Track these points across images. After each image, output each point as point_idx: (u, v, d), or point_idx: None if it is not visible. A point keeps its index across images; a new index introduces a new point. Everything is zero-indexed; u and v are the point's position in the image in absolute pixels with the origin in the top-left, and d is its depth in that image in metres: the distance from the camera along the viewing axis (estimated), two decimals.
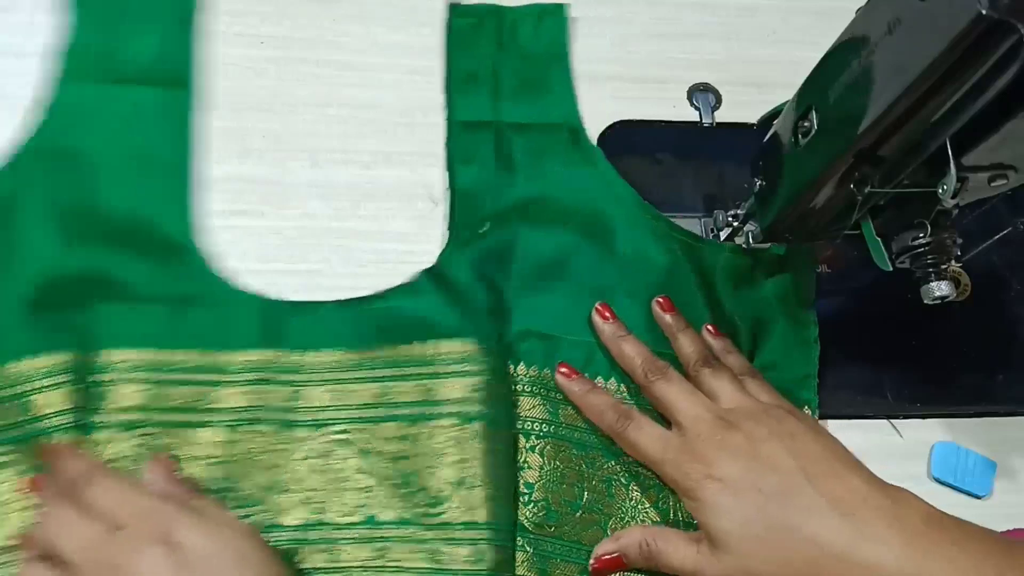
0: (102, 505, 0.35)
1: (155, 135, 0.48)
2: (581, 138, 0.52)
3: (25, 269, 0.44)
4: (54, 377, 0.42)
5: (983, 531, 0.37)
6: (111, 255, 0.45)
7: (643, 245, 0.49)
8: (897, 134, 0.37)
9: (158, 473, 0.39)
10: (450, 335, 0.45)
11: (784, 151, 0.44)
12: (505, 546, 0.41)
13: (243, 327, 0.45)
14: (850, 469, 0.39)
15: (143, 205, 0.47)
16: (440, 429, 0.43)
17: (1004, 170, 0.37)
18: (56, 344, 0.42)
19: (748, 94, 0.56)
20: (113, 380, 0.43)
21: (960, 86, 0.34)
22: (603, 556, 0.41)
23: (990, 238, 0.51)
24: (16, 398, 0.41)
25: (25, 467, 0.40)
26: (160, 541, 0.33)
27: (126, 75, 0.50)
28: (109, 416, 0.42)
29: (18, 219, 0.45)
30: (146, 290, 0.45)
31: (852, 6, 0.38)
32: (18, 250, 0.44)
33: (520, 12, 0.55)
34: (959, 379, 0.51)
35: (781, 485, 0.38)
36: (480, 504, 0.41)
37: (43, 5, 0.52)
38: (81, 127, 0.48)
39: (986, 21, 0.30)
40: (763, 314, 0.49)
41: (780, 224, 0.45)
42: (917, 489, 0.39)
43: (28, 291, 0.44)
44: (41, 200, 0.46)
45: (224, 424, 0.42)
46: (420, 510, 0.41)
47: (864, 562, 0.36)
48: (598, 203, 0.50)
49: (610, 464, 0.45)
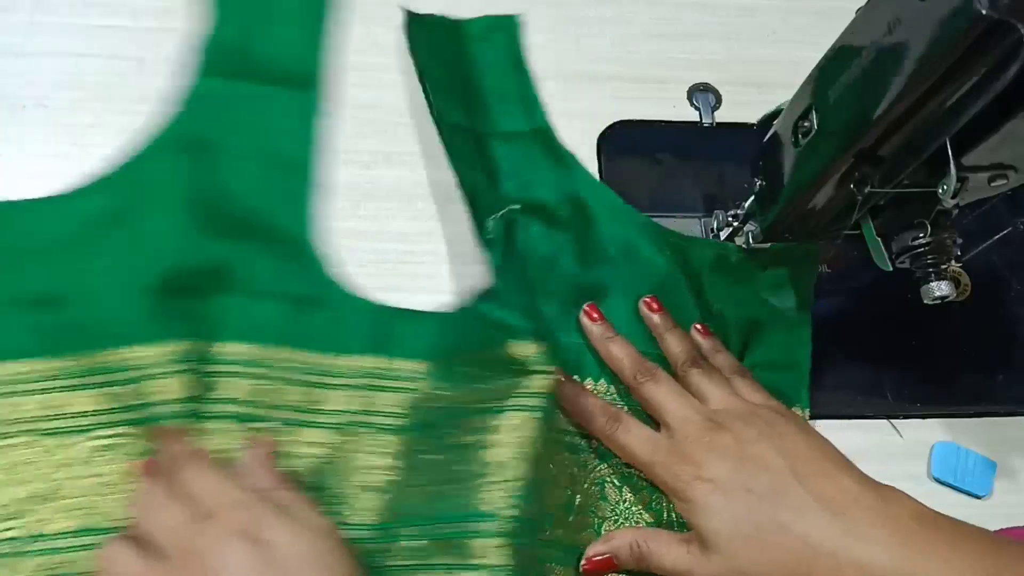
0: (194, 490, 0.35)
1: (282, 135, 0.49)
2: (555, 144, 0.52)
3: (152, 256, 0.44)
4: (171, 365, 0.42)
5: (975, 529, 0.37)
6: (233, 248, 0.46)
7: (630, 245, 0.49)
8: (897, 134, 0.37)
9: (255, 459, 0.39)
10: (527, 336, 0.44)
11: (784, 151, 0.44)
12: (534, 545, 0.41)
13: (354, 331, 0.45)
14: (840, 468, 0.39)
15: (266, 203, 0.47)
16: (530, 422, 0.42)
17: (1004, 170, 0.37)
18: (175, 332, 0.43)
19: (748, 94, 0.56)
20: (227, 372, 0.43)
21: (960, 86, 0.34)
22: (594, 557, 0.41)
23: (990, 238, 0.51)
24: (132, 382, 0.42)
25: (136, 451, 0.41)
26: (246, 536, 0.33)
27: (259, 73, 0.50)
28: (220, 407, 0.42)
29: (148, 206, 0.46)
30: (264, 286, 0.45)
31: (852, 6, 0.38)
32: (146, 237, 0.45)
33: (473, 25, 0.54)
34: (959, 379, 0.51)
35: (771, 485, 0.38)
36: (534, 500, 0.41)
37: (43, 5, 0.52)
38: (213, 120, 0.49)
39: (986, 21, 0.30)
40: (755, 313, 0.49)
41: (780, 224, 0.46)
42: (917, 489, 0.39)
43: (153, 278, 0.44)
44: (171, 189, 0.46)
45: (331, 426, 0.43)
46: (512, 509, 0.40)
47: (854, 561, 0.36)
48: (581, 205, 0.50)
49: (602, 467, 0.44)
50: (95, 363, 0.42)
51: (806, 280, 0.50)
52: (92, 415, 0.41)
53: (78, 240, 0.45)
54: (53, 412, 0.41)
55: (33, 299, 0.43)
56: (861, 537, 0.36)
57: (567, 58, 0.56)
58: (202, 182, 0.47)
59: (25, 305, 0.43)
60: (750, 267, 0.50)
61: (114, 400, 0.41)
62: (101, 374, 0.42)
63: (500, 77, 0.53)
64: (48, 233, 0.45)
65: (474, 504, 0.39)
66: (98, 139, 0.49)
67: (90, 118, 0.50)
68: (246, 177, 0.48)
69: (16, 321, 0.43)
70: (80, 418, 0.41)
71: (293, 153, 0.49)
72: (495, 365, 0.42)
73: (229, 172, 0.48)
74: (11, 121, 0.49)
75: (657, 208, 0.52)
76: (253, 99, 0.50)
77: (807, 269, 0.50)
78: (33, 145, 0.49)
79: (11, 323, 0.42)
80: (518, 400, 0.42)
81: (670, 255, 0.49)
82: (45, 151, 0.49)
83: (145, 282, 0.44)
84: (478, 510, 0.39)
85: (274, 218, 0.47)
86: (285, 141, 0.49)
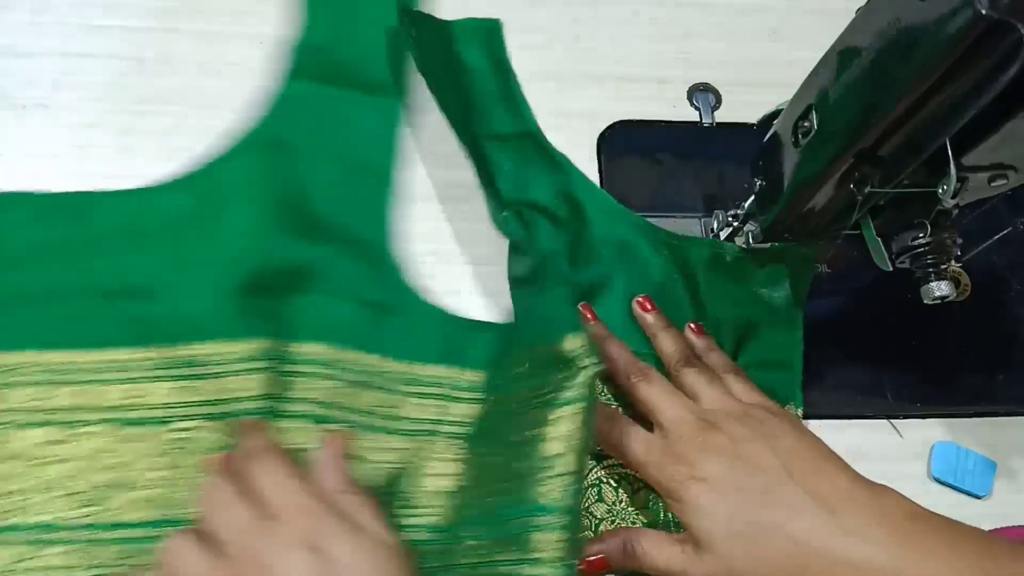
0: (262, 489, 0.35)
1: (365, 141, 0.50)
2: (547, 145, 0.52)
3: (235, 254, 0.45)
4: (250, 362, 0.43)
5: (969, 529, 0.37)
6: (314, 251, 0.46)
7: (625, 245, 0.49)
8: (897, 134, 0.37)
9: (328, 459, 0.38)
10: (573, 329, 0.43)
11: (784, 151, 0.44)
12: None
13: (427, 340, 0.45)
14: (834, 467, 0.39)
15: (347, 207, 0.48)
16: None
17: (1004, 170, 0.37)
18: (255, 330, 0.43)
19: (748, 94, 0.56)
20: (304, 372, 0.43)
21: (960, 86, 0.34)
22: (587, 557, 0.41)
23: (990, 238, 0.51)
24: (212, 377, 0.42)
25: (213, 445, 0.41)
26: (307, 546, 0.33)
27: (346, 78, 0.51)
28: (297, 407, 0.43)
29: (233, 205, 0.46)
30: (342, 289, 0.46)
31: (852, 6, 0.38)
32: (230, 235, 0.46)
33: (456, 26, 0.54)
34: (959, 379, 0.51)
35: (764, 484, 0.38)
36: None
37: (43, 5, 0.52)
38: (299, 124, 0.50)
39: (986, 21, 0.30)
40: (749, 312, 0.49)
41: (780, 224, 0.46)
42: (917, 489, 0.39)
43: (236, 276, 0.45)
44: (255, 189, 0.47)
45: (404, 433, 0.43)
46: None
47: (848, 559, 0.36)
48: (577, 206, 0.50)
49: (598, 469, 0.44)
50: (176, 356, 0.43)
51: (802, 281, 0.50)
52: (172, 407, 0.42)
53: (163, 234, 0.46)
54: (134, 402, 0.42)
55: (118, 290, 0.44)
56: (855, 536, 0.36)
57: (567, 58, 0.56)
58: (286, 184, 0.48)
59: (110, 295, 0.44)
60: (746, 267, 0.50)
61: (194, 393, 0.42)
62: (182, 367, 0.43)
63: (483, 80, 0.53)
64: (134, 225, 0.46)
65: (533, 499, 0.38)
66: (98, 139, 0.49)
67: (90, 118, 0.50)
68: (328, 181, 0.48)
69: (101, 310, 0.44)
70: (159, 409, 0.42)
71: (375, 159, 0.50)
72: (546, 361, 0.41)
73: (312, 175, 0.48)
74: (11, 121, 0.49)
75: (657, 208, 0.52)
76: (338, 104, 0.50)
77: (803, 270, 0.50)
78: (33, 145, 0.49)
79: (96, 312, 0.43)
80: (567, 393, 0.40)
81: (666, 255, 0.49)
82: (45, 151, 0.49)
83: (228, 279, 0.44)
84: (538, 503, 0.38)
85: (354, 223, 0.48)
86: (368, 147, 0.50)
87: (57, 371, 0.42)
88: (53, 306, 0.43)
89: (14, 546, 0.39)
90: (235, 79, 0.52)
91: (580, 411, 0.39)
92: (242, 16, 0.54)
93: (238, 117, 0.51)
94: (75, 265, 0.44)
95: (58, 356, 0.42)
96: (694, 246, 0.50)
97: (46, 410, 0.41)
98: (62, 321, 0.43)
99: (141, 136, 0.50)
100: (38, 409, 0.41)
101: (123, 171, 0.48)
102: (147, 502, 0.40)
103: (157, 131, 0.50)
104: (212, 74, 0.52)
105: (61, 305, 0.43)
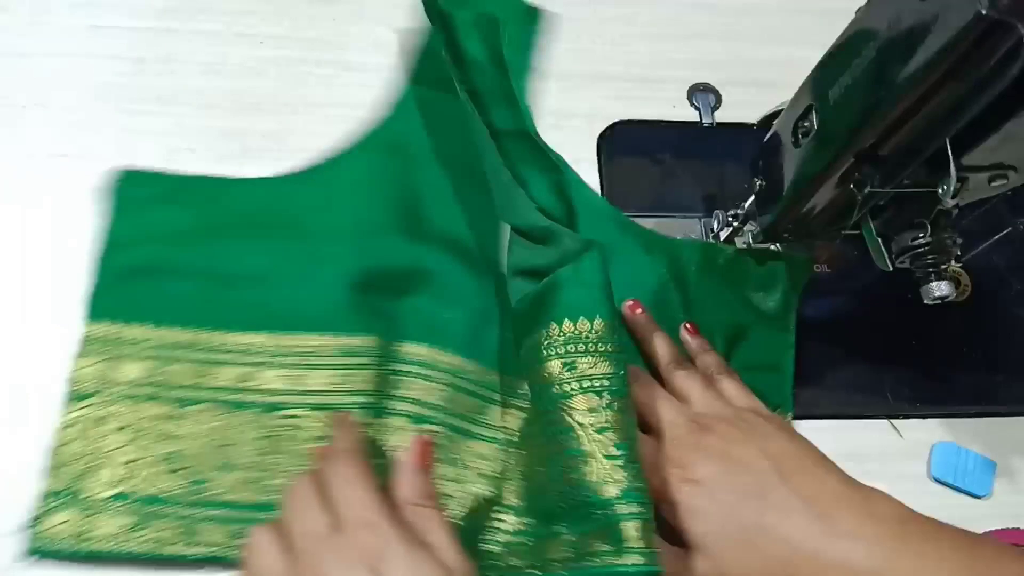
0: (336, 497, 0.35)
1: (483, 151, 0.50)
2: (542, 144, 0.52)
3: (353, 250, 0.46)
4: (359, 357, 0.44)
5: (957, 530, 0.37)
6: (428, 254, 0.47)
7: (617, 247, 0.49)
8: (897, 134, 0.37)
9: (410, 464, 0.39)
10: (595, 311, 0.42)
11: (784, 151, 0.44)
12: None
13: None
14: (825, 470, 0.39)
15: (461, 214, 0.49)
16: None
17: (1004, 170, 0.37)
18: (367, 327, 0.45)
19: (748, 94, 0.56)
20: (408, 372, 0.45)
21: (960, 86, 0.34)
22: None
23: (990, 238, 0.51)
24: (322, 368, 0.44)
25: (315, 435, 0.43)
26: (367, 566, 0.33)
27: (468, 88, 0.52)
28: (399, 404, 0.44)
29: (353, 201, 0.48)
30: (452, 295, 0.47)
31: (852, 6, 0.38)
32: (349, 231, 0.47)
33: (458, 20, 0.54)
34: (959, 379, 0.51)
35: (756, 486, 0.38)
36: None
37: (43, 5, 0.52)
38: (418, 128, 0.51)
39: (986, 21, 0.30)
40: (741, 316, 0.49)
41: (780, 224, 0.46)
42: (917, 489, 0.39)
43: (353, 272, 0.46)
44: (376, 188, 0.49)
45: (497, 441, 0.44)
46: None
47: (837, 561, 0.36)
48: (571, 206, 0.50)
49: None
50: (290, 345, 0.44)
51: (796, 287, 0.49)
52: (279, 394, 0.43)
53: (285, 225, 0.47)
54: (244, 385, 0.43)
55: (237, 274, 0.45)
56: (845, 537, 0.36)
57: (567, 58, 0.56)
58: (404, 187, 0.49)
59: (230, 279, 0.45)
60: (739, 270, 0.50)
61: (302, 383, 0.43)
62: (294, 356, 0.44)
63: (485, 75, 0.53)
64: (257, 214, 0.47)
65: (610, 489, 0.37)
66: (98, 139, 0.49)
67: (90, 118, 0.50)
68: (443, 187, 0.50)
69: (219, 293, 0.45)
70: (269, 395, 0.43)
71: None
72: (574, 351, 0.40)
73: (428, 180, 0.50)
74: (11, 121, 0.49)
75: (657, 208, 0.52)
76: (454, 112, 0.50)
77: (799, 276, 0.50)
78: (33, 145, 0.49)
79: (214, 294, 0.45)
80: (594, 382, 0.39)
81: (658, 256, 0.49)
82: (45, 151, 0.49)
83: (345, 275, 0.46)
84: (619, 492, 0.37)
85: (467, 231, 0.49)
86: (485, 158, 0.50)
87: (171, 347, 0.43)
88: (172, 284, 0.45)
89: (124, 516, 0.40)
90: (235, 79, 0.52)
91: (610, 395, 0.39)
92: (242, 16, 0.54)
93: (238, 117, 0.51)
94: (198, 246, 0.46)
95: (173, 333, 0.44)
96: (686, 248, 0.50)
97: (156, 384, 0.43)
98: (180, 299, 0.45)
99: (141, 136, 0.50)
100: (149, 383, 0.43)
101: None
102: (251, 483, 0.42)
103: (157, 131, 0.50)
104: (212, 74, 0.52)
105: (180, 283, 0.45)
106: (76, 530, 0.39)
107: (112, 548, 0.39)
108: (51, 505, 0.40)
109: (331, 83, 0.53)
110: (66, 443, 0.41)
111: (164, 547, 0.40)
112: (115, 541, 0.40)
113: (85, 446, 0.41)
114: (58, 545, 0.39)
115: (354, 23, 0.55)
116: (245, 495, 0.41)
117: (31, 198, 0.47)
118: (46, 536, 0.39)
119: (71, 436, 0.41)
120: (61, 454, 0.41)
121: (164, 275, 0.45)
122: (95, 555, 0.39)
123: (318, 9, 0.55)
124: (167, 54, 0.52)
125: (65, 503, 0.40)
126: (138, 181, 0.47)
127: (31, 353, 0.44)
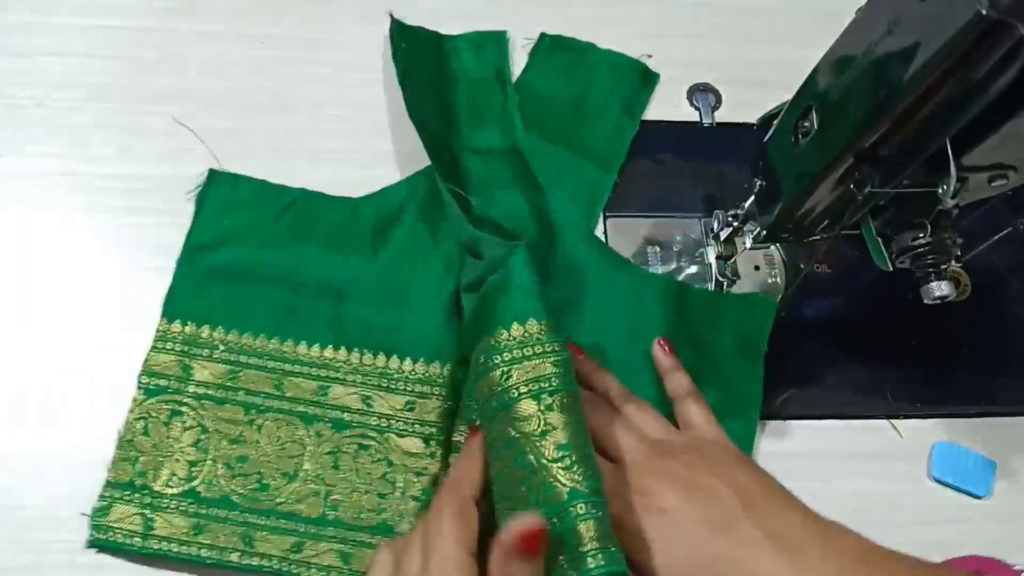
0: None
1: (574, 204, 0.51)
2: (528, 165, 0.52)
3: (441, 277, 0.47)
4: (435, 387, 0.45)
5: (914, 561, 0.37)
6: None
7: (592, 273, 0.49)
8: (897, 134, 0.37)
9: (517, 546, 0.33)
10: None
11: (784, 151, 0.44)
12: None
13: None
14: (788, 505, 0.39)
15: (542, 253, 0.49)
16: None
17: (1004, 170, 0.37)
18: (449, 355, 0.45)
19: (748, 94, 0.56)
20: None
21: (960, 86, 0.34)
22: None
23: (990, 238, 0.51)
24: (397, 393, 0.44)
25: (384, 459, 0.43)
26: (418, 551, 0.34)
27: (573, 142, 0.53)
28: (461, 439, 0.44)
29: (441, 230, 0.48)
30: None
31: (852, 6, 0.38)
32: (436, 258, 0.48)
33: (460, 40, 0.55)
34: (959, 379, 0.51)
35: (722, 518, 0.37)
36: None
37: (43, 5, 0.52)
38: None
39: (986, 21, 0.30)
40: (708, 357, 0.48)
41: (780, 224, 0.45)
42: (917, 489, 0.39)
43: (439, 299, 0.46)
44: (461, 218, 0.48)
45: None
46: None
47: None
48: (546, 227, 0.50)
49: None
50: (370, 365, 0.45)
51: (763, 330, 0.48)
52: (351, 412, 0.44)
53: (371, 244, 0.48)
54: (318, 399, 0.44)
55: (312, 286, 0.46)
56: (807, 572, 0.36)
57: None
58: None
59: (305, 290, 0.46)
60: (709, 310, 0.49)
61: (376, 404, 0.44)
62: (373, 376, 0.45)
63: (482, 93, 0.53)
64: (344, 234, 0.48)
65: (560, 493, 0.36)
66: (98, 139, 0.49)
67: (90, 118, 0.50)
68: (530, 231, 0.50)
69: (300, 302, 0.46)
70: (342, 412, 0.44)
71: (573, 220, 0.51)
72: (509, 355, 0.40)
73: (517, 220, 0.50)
74: (11, 121, 0.49)
75: (657, 208, 0.52)
76: (561, 163, 0.52)
77: (764, 319, 0.48)
78: (33, 145, 0.49)
79: (294, 303, 0.46)
80: (532, 386, 0.38)
81: (631, 287, 0.49)
82: (45, 151, 0.49)
83: (431, 301, 0.46)
84: (573, 493, 0.36)
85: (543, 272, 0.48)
86: (569, 208, 0.51)
87: (245, 353, 0.44)
88: (250, 289, 0.45)
89: (184, 516, 0.41)
90: (235, 79, 0.52)
91: (567, 396, 0.38)
92: (242, 16, 0.54)
93: (238, 117, 0.51)
94: (278, 254, 0.47)
95: (248, 340, 0.44)
96: (660, 283, 0.49)
97: (228, 388, 0.43)
98: (257, 306, 0.45)
99: (141, 136, 0.50)
100: (222, 386, 0.43)
101: (123, 171, 0.49)
102: (312, 496, 0.42)
103: (157, 131, 0.50)
104: (212, 74, 0.52)
105: (258, 289, 0.45)
106: (137, 527, 0.40)
107: (172, 551, 0.40)
108: (114, 497, 0.40)
109: (331, 83, 0.53)
110: (133, 437, 0.42)
111: (226, 555, 0.40)
112: (176, 543, 0.40)
113: (152, 442, 0.42)
114: (119, 538, 0.40)
115: (354, 23, 0.55)
116: (304, 507, 0.42)
117: (31, 198, 0.47)
118: (107, 528, 0.40)
119: (139, 430, 0.42)
120: (127, 447, 0.41)
121: (243, 280, 0.46)
122: (156, 555, 0.40)
123: (318, 9, 0.55)
124: (167, 54, 0.52)
125: (127, 497, 0.40)
126: (225, 183, 0.48)
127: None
